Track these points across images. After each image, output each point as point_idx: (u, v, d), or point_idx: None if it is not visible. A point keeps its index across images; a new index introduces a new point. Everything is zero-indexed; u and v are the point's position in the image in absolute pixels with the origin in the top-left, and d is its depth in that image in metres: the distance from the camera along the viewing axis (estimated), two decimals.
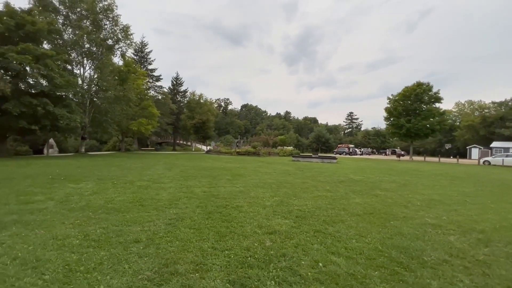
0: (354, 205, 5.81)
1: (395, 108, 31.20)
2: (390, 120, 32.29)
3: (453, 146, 59.28)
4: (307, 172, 12.51)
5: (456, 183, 10.73)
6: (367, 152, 57.46)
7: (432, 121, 28.65)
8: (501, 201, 7.02)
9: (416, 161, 29.77)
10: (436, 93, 29.56)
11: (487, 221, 4.88)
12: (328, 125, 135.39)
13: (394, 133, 31.79)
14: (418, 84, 29.94)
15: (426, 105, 29.74)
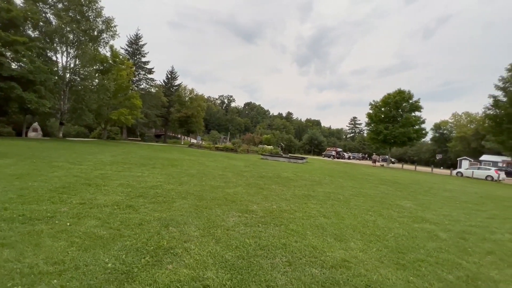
0: (221, 193, 6.34)
1: (376, 114, 31.31)
2: (371, 126, 32.43)
3: (445, 157, 58.67)
4: (248, 167, 13.06)
5: (380, 187, 11.09)
6: (357, 157, 57.35)
7: (409, 129, 28.69)
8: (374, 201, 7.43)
9: (392, 168, 29.89)
10: (416, 101, 29.55)
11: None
12: (330, 129, 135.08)
13: (373, 139, 31.90)
14: (399, 92, 29.97)
15: (406, 113, 29.78)
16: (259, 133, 53.67)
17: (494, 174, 24.28)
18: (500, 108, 20.46)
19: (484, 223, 5.98)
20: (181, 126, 38.84)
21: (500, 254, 3.90)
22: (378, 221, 5.07)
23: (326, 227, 4.35)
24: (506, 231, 5.40)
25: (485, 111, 21.67)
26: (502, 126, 20.16)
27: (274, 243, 3.39)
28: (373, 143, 32.65)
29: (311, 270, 2.74)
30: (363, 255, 3.32)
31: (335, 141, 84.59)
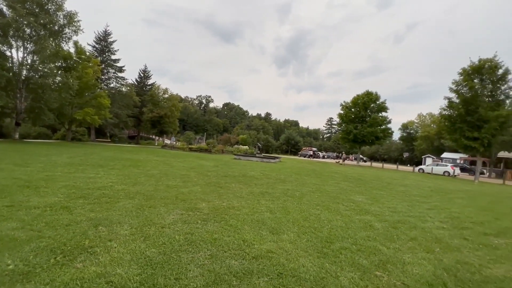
0: (174, 192, 6.25)
1: (346, 115, 32.62)
2: (342, 126, 33.71)
3: (412, 155, 62.53)
4: (216, 167, 12.99)
5: (341, 183, 11.54)
6: (332, 156, 59.27)
7: (377, 129, 30.23)
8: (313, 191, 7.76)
9: (361, 166, 31.30)
10: (382, 102, 31.23)
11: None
12: (308, 129, 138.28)
13: (344, 138, 33.17)
14: (367, 93, 31.50)
15: (374, 114, 31.33)
16: (236, 133, 53.55)
17: (450, 169, 26.36)
18: (453, 109, 22.27)
19: (422, 213, 6.47)
20: (153, 127, 37.65)
21: (421, 240, 4.24)
22: (321, 215, 5.30)
23: (267, 221, 4.46)
24: (438, 220, 5.89)
25: (441, 111, 23.47)
26: (455, 126, 21.95)
27: (205, 238, 3.42)
28: (344, 143, 33.95)
29: (230, 262, 2.80)
30: (291, 246, 3.46)
31: (312, 141, 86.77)
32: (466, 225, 5.64)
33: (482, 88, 21.20)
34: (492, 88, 20.95)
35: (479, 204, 8.83)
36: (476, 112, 20.82)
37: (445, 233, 4.80)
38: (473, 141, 20.91)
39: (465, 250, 3.92)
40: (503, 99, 21.00)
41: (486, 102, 20.97)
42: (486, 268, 3.31)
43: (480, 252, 3.91)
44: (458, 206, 8.20)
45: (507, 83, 20.51)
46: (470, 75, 21.54)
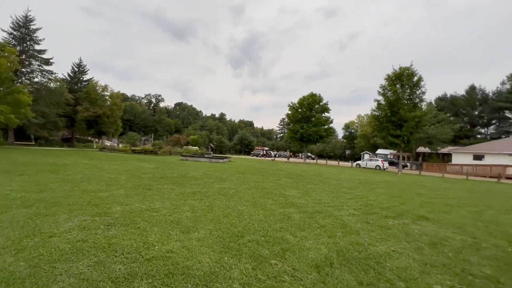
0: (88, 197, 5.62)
1: (293, 115, 34.33)
2: (290, 126, 35.34)
3: (353, 152, 69.17)
4: (156, 169, 12.23)
5: (281, 180, 12.00)
6: (283, 155, 61.76)
7: (320, 128, 32.54)
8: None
9: (308, 163, 33.34)
10: (325, 104, 33.76)
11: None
12: (263, 129, 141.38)
13: (292, 137, 34.82)
14: (312, 95, 33.68)
15: (317, 114, 33.63)
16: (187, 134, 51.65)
17: (381, 164, 29.90)
18: (381, 110, 25.33)
19: (342, 203, 7.08)
20: (90, 127, 33.68)
21: (329, 226, 4.61)
22: (245, 210, 5.36)
23: (183, 221, 4.31)
24: (353, 208, 6.51)
25: (371, 112, 26.47)
26: (383, 125, 25.03)
27: (98, 245, 3.10)
28: (292, 142, 35.63)
29: (116, 267, 2.58)
30: (197, 243, 3.37)
31: (265, 141, 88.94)
32: (374, 210, 6.36)
33: (403, 92, 24.55)
34: (409, 93, 24.42)
35: (393, 192, 10.11)
36: (398, 113, 24.02)
37: (353, 219, 5.31)
38: (396, 138, 24.06)
39: (363, 232, 4.38)
40: (418, 102, 24.64)
41: (406, 104, 24.36)
42: (373, 246, 3.74)
43: (375, 233, 4.42)
44: (376, 194, 9.25)
45: (420, 89, 24.15)
46: (393, 81, 24.72)
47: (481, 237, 4.58)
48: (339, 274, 2.79)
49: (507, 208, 8.05)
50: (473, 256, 3.62)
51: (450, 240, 4.30)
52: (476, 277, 2.95)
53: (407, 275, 2.87)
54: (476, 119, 51.12)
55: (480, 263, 3.36)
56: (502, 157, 27.62)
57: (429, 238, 4.32)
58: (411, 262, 3.24)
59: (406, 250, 3.66)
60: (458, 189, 13.00)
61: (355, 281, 2.67)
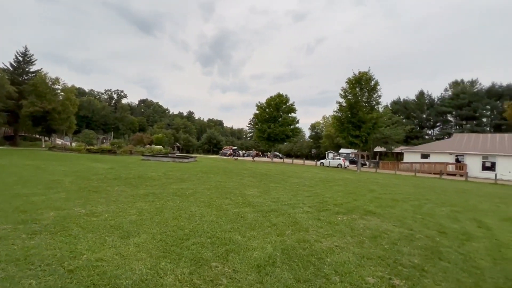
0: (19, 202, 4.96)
1: (261, 115, 34.68)
2: (257, 125, 35.63)
3: (319, 151, 72.22)
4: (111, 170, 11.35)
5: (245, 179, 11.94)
6: (252, 154, 62.19)
7: (287, 128, 33.34)
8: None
9: (275, 162, 33.92)
10: (291, 104, 34.67)
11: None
12: (232, 129, 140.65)
13: (259, 137, 35.16)
14: (279, 95, 34.35)
15: (284, 114, 34.41)
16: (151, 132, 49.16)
17: (342, 162, 31.63)
18: (342, 111, 26.79)
19: (299, 201, 7.25)
20: (36, 124, 30.20)
21: (280, 225, 4.64)
22: (198, 212, 5.18)
23: (125, 225, 4.00)
24: (309, 205, 6.69)
25: (334, 113, 27.88)
26: (344, 125, 26.51)
27: (10, 258, 2.70)
28: (260, 141, 35.96)
29: (26, 282, 2.26)
30: (135, 249, 3.13)
31: (234, 140, 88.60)
32: (328, 207, 6.61)
33: (362, 95, 26.20)
34: (368, 96, 26.15)
35: (348, 189, 10.67)
36: (357, 115, 25.59)
37: (306, 216, 5.44)
38: (355, 138, 25.61)
39: (312, 229, 4.50)
40: (375, 105, 26.50)
41: (364, 106, 26.04)
42: (318, 242, 3.84)
43: (323, 229, 4.56)
44: (333, 192, 9.68)
45: (377, 92, 26.01)
46: (353, 84, 26.25)
47: (416, 229, 5.00)
48: (279, 273, 2.79)
49: (443, 201, 8.98)
50: (406, 247, 3.91)
51: (389, 232, 4.61)
52: (405, 266, 3.17)
53: (344, 269, 2.97)
54: (424, 122, 56.74)
55: (411, 253, 3.63)
56: (444, 156, 31.03)
57: (371, 232, 4.59)
58: (350, 256, 3.38)
59: (348, 244, 3.83)
60: (406, 185, 14.22)
61: (293, 279, 2.69)
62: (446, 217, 6.38)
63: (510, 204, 9.52)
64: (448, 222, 5.86)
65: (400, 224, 5.33)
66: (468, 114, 49.82)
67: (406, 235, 4.55)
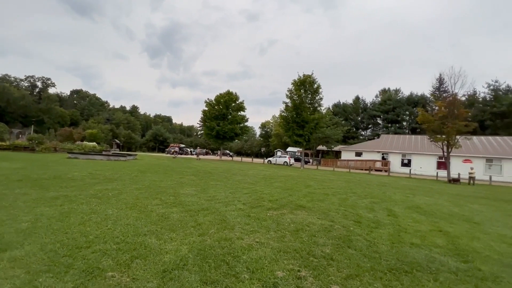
0: None
1: (210, 112, 33.94)
2: (206, 122, 34.79)
3: (268, 150, 74.52)
4: (22, 170, 9.48)
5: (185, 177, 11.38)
6: (201, 152, 60.55)
7: (236, 126, 33.38)
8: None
9: (223, 160, 33.65)
10: (241, 103, 34.85)
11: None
12: (182, 126, 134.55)
13: (208, 134, 34.41)
14: (228, 93, 34.15)
15: (234, 112, 34.36)
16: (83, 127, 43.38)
17: (288, 160, 33.20)
18: (288, 111, 28.11)
19: (236, 198, 7.16)
20: None
21: (206, 224, 4.45)
22: (115, 214, 4.63)
23: (6, 236, 3.27)
24: (243, 202, 6.65)
25: (280, 113, 29.06)
26: (289, 125, 27.84)
27: None
28: (209, 139, 35.20)
29: None
30: (7, 265, 2.54)
31: (182, 138, 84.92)
32: (262, 203, 6.68)
33: (305, 97, 27.85)
34: (311, 98, 27.94)
35: (287, 185, 11.11)
36: (302, 115, 27.12)
37: (237, 213, 5.37)
38: (299, 137, 27.11)
39: (238, 227, 4.42)
40: (317, 107, 28.48)
41: (307, 107, 27.75)
42: (240, 240, 3.77)
43: (249, 226, 4.54)
44: (272, 188, 9.92)
45: (319, 95, 28.01)
46: (298, 86, 27.71)
47: (337, 220, 5.39)
48: (186, 276, 2.59)
49: (366, 194, 10.06)
50: (323, 238, 4.14)
51: (312, 225, 4.86)
52: (316, 257, 3.32)
53: (257, 265, 2.94)
54: (359, 124, 63.61)
55: (325, 244, 3.85)
56: (373, 154, 35.30)
57: (295, 225, 4.76)
58: (268, 251, 3.39)
59: (269, 240, 3.86)
60: (339, 181, 15.58)
61: (200, 281, 2.52)
62: (365, 208, 7.10)
63: (417, 194, 11.22)
64: (365, 212, 6.51)
65: (324, 216, 5.68)
66: (392, 118, 57.73)
67: (326, 226, 4.85)
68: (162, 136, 65.88)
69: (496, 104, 45.85)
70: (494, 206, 9.28)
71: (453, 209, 8.03)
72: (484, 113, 46.52)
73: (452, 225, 5.78)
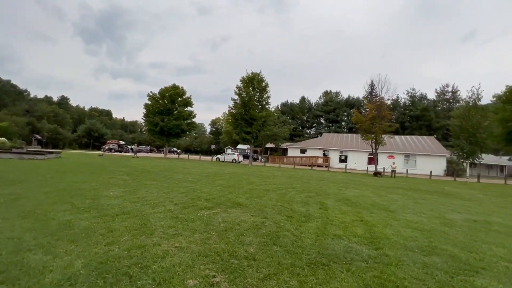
0: None
1: (153, 106, 31.52)
2: (149, 117, 32.20)
3: (219, 147, 73.50)
4: None
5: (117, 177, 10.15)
6: (145, 150, 56.19)
7: (182, 122, 31.75)
8: None
9: (167, 158, 31.80)
10: (188, 98, 33.30)
11: None
12: (124, 121, 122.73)
13: (151, 130, 31.97)
14: (174, 87, 32.23)
15: (180, 107, 32.60)
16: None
17: (236, 157, 33.16)
18: (237, 108, 27.96)
19: (167, 199, 6.58)
20: None
21: (121, 231, 3.87)
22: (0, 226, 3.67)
23: None
24: (175, 202, 6.15)
25: (229, 110, 28.73)
26: (238, 122, 27.74)
27: None
28: (152, 135, 32.70)
29: None
30: None
31: (123, 133, 77.48)
32: (197, 203, 6.27)
33: (254, 94, 28.09)
34: (259, 96, 28.31)
35: (230, 183, 10.88)
36: (250, 112, 27.29)
37: (163, 215, 4.87)
38: (247, 134, 27.26)
39: (159, 231, 3.97)
40: (265, 105, 29.03)
41: (256, 105, 28.06)
42: (156, 246, 3.35)
43: (173, 229, 4.12)
44: (213, 186, 9.56)
45: (267, 93, 28.58)
46: (247, 83, 27.76)
47: (270, 216, 5.36)
48: None
49: (304, 189, 10.53)
50: (251, 236, 4.00)
51: (243, 223, 4.70)
52: (238, 258, 3.13)
53: (167, 275, 2.59)
54: (305, 122, 67.67)
55: (251, 243, 3.71)
56: (316, 151, 37.91)
57: (226, 225, 4.53)
58: (186, 257, 3.06)
59: (191, 243, 3.53)
60: (283, 176, 16.10)
61: None
62: (300, 202, 7.34)
63: (348, 187, 12.27)
64: (299, 206, 6.70)
65: (258, 213, 5.61)
66: (333, 118, 63.06)
67: (257, 224, 4.75)
68: (98, 131, 58.60)
69: (413, 108, 54.17)
70: (407, 195, 10.73)
71: (375, 199, 8.95)
72: (404, 116, 54.51)
73: (372, 214, 6.35)
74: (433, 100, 57.01)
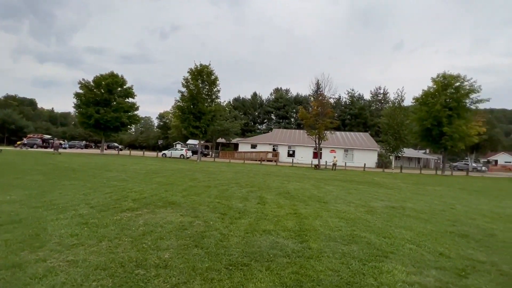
0: None
1: (86, 95, 27.72)
2: (81, 108, 28.24)
3: (167, 142, 69.42)
4: None
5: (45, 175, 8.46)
6: (80, 145, 49.49)
7: (122, 114, 28.77)
8: None
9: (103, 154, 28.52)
10: (129, 88, 30.32)
11: None
12: (53, 112, 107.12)
13: (84, 123, 28.18)
14: (112, 75, 28.91)
15: (119, 98, 29.46)
16: None
17: (184, 153, 31.69)
18: (184, 101, 26.53)
19: (83, 200, 5.69)
20: None
21: (6, 243, 3.06)
22: None
23: None
24: (92, 205, 5.33)
25: (176, 103, 27.10)
26: (185, 115, 26.39)
27: None
28: (84, 128, 28.87)
29: None
30: None
31: (50, 127, 67.12)
32: (120, 204, 5.54)
33: (203, 87, 27.03)
34: (208, 89, 27.38)
35: (169, 180, 10.13)
36: (198, 106, 26.20)
37: (68, 222, 4.11)
38: (196, 129, 26.17)
39: (54, 241, 3.26)
40: (214, 98, 28.24)
41: (205, 98, 27.08)
42: (42, 262, 2.69)
43: (76, 237, 3.45)
44: (148, 184, 8.73)
45: (217, 87, 27.82)
46: (195, 75, 26.52)
47: (201, 215, 5.01)
48: None
49: (248, 183, 10.45)
50: (171, 239, 3.60)
51: (167, 225, 4.25)
52: (146, 268, 2.71)
53: None
54: (256, 118, 68.66)
55: (169, 247, 3.31)
56: (266, 146, 38.79)
57: (146, 228, 4.02)
58: (77, 273, 2.51)
59: (91, 254, 2.95)
60: (230, 172, 15.86)
61: None
62: (240, 198, 7.16)
63: (291, 181, 12.69)
64: (237, 202, 6.51)
65: (190, 212, 5.21)
66: (283, 114, 65.46)
67: (184, 224, 4.35)
68: (14, 124, 49.15)
69: (352, 107, 59.80)
70: (342, 186, 11.59)
71: (313, 191, 9.37)
72: (345, 114, 59.81)
73: (307, 206, 6.54)
74: (369, 100, 63.93)
